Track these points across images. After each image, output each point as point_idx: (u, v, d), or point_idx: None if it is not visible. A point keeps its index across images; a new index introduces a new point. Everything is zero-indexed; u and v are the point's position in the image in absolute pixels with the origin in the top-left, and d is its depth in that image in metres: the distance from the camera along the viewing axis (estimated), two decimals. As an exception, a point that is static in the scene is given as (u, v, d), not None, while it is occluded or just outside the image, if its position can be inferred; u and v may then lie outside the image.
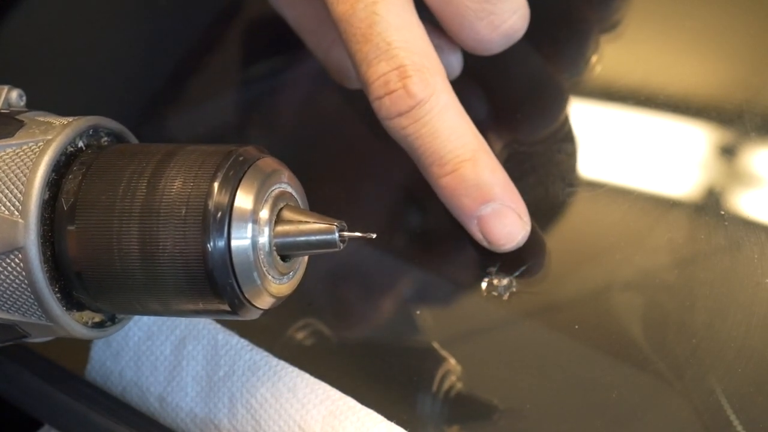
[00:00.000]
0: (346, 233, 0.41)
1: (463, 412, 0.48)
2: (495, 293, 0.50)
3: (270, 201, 0.41)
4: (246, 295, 0.40)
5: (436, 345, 0.51)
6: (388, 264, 0.42)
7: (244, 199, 0.40)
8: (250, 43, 0.64)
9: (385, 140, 0.51)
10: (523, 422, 0.48)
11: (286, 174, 0.42)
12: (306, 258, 0.44)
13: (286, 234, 0.41)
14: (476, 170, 0.49)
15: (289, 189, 0.42)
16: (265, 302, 0.41)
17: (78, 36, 0.67)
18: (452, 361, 0.50)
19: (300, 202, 0.43)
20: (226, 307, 0.41)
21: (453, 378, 0.49)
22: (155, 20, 0.67)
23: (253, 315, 0.42)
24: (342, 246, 0.41)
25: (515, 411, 0.48)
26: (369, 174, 0.58)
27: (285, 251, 0.41)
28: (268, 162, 0.41)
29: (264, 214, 0.40)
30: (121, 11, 0.67)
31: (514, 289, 0.50)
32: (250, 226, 0.40)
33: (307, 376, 0.48)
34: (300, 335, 0.52)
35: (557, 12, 0.57)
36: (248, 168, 0.40)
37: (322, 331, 0.52)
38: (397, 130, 0.50)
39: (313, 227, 0.41)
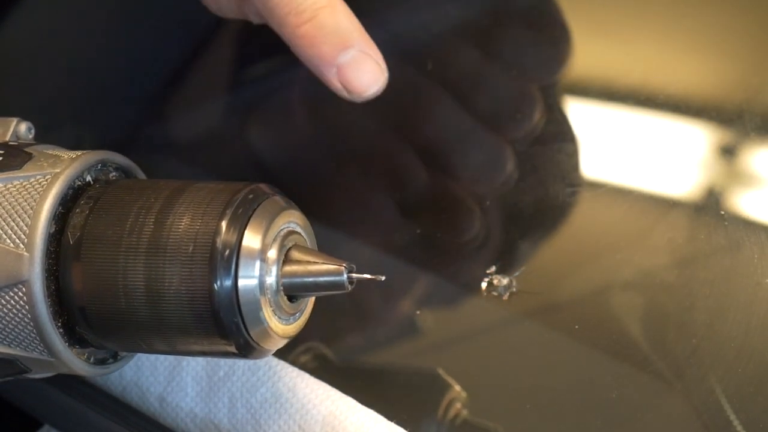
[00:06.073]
0: (354, 275, 0.40)
1: (463, 411, 0.48)
2: (495, 293, 0.50)
3: (278, 240, 0.40)
4: (252, 336, 0.40)
5: (436, 345, 0.51)
6: (389, 264, 0.42)
7: (252, 238, 0.39)
8: (250, 43, 0.64)
9: (385, 141, 0.51)
10: (523, 422, 0.48)
11: (295, 214, 0.41)
12: (313, 299, 0.43)
13: (294, 274, 0.40)
14: (334, 16, 0.49)
15: (298, 229, 0.41)
16: (271, 343, 0.41)
17: (78, 36, 0.67)
18: (452, 361, 0.50)
19: (309, 242, 0.42)
20: (233, 348, 0.40)
21: (453, 379, 0.49)
22: (155, 20, 0.67)
23: (260, 356, 0.41)
24: (350, 288, 0.40)
25: (515, 411, 0.48)
26: (369, 175, 0.58)
27: (292, 292, 0.41)
28: (278, 201, 0.41)
29: (272, 253, 0.40)
30: (121, 11, 0.67)
31: (514, 289, 0.50)
32: (257, 265, 0.39)
33: (307, 376, 0.48)
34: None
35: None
36: (257, 207, 0.40)
37: (322, 331, 0.52)
38: None
39: (322, 268, 0.40)
